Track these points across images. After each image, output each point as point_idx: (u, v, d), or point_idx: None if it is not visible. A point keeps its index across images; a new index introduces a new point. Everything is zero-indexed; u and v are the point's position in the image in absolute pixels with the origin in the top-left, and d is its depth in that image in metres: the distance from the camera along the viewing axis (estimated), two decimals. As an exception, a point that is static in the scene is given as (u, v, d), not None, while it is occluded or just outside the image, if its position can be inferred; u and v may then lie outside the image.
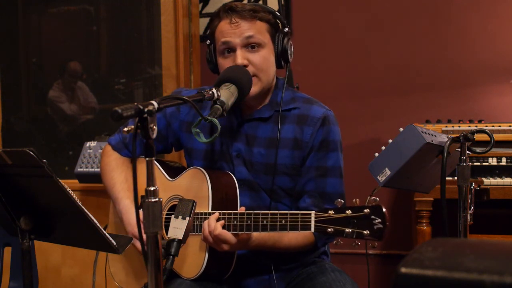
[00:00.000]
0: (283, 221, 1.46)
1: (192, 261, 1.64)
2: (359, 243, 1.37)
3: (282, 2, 3.00)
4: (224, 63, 1.72)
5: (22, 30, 3.16)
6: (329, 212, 1.37)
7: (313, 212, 1.41)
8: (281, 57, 1.75)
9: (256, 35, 1.69)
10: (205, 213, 1.62)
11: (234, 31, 1.69)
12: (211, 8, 3.40)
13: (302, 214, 1.43)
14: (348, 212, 1.34)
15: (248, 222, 1.53)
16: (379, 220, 1.30)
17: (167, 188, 1.76)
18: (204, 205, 1.64)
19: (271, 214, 1.49)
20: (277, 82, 1.81)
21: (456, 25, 3.09)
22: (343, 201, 1.38)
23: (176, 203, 1.71)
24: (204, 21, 3.39)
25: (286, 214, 1.45)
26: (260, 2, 3.32)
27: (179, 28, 2.80)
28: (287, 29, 1.77)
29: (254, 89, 1.69)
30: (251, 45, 1.69)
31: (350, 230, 1.33)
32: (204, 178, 1.67)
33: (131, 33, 2.98)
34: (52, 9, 3.10)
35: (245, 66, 1.68)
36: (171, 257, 1.48)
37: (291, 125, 1.74)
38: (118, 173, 1.84)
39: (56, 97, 3.10)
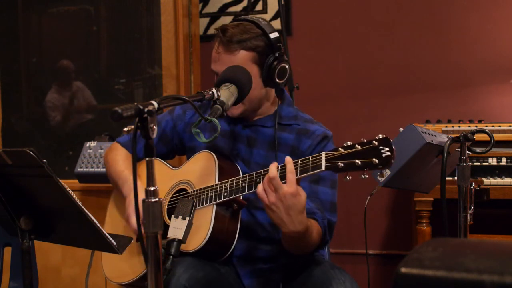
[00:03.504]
0: (294, 166, 1.47)
1: (195, 235, 1.63)
2: (367, 176, 1.41)
3: (282, 2, 3.00)
4: None
5: (22, 30, 3.16)
6: (340, 149, 1.42)
7: (323, 152, 1.44)
8: (268, 78, 1.73)
9: None
10: (212, 186, 1.65)
11: (216, 60, 1.73)
12: (211, 8, 3.40)
13: (312, 157, 1.46)
14: (358, 147, 1.39)
15: (257, 180, 1.55)
16: (387, 149, 1.35)
17: (173, 176, 1.81)
18: (211, 179, 1.68)
19: (282, 166, 1.49)
20: (286, 98, 1.86)
21: (456, 25, 3.09)
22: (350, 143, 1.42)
23: (184, 187, 1.75)
24: (204, 21, 3.39)
25: (297, 160, 1.48)
26: (260, 3, 3.32)
27: (179, 28, 2.80)
28: (278, 53, 1.71)
29: (237, 110, 1.73)
30: None
31: (360, 162, 1.38)
32: (211, 156, 1.72)
33: (131, 33, 2.98)
34: (52, 9, 3.10)
35: None
36: (171, 257, 1.47)
37: (291, 135, 1.79)
38: (128, 163, 1.88)
39: (55, 97, 3.10)
